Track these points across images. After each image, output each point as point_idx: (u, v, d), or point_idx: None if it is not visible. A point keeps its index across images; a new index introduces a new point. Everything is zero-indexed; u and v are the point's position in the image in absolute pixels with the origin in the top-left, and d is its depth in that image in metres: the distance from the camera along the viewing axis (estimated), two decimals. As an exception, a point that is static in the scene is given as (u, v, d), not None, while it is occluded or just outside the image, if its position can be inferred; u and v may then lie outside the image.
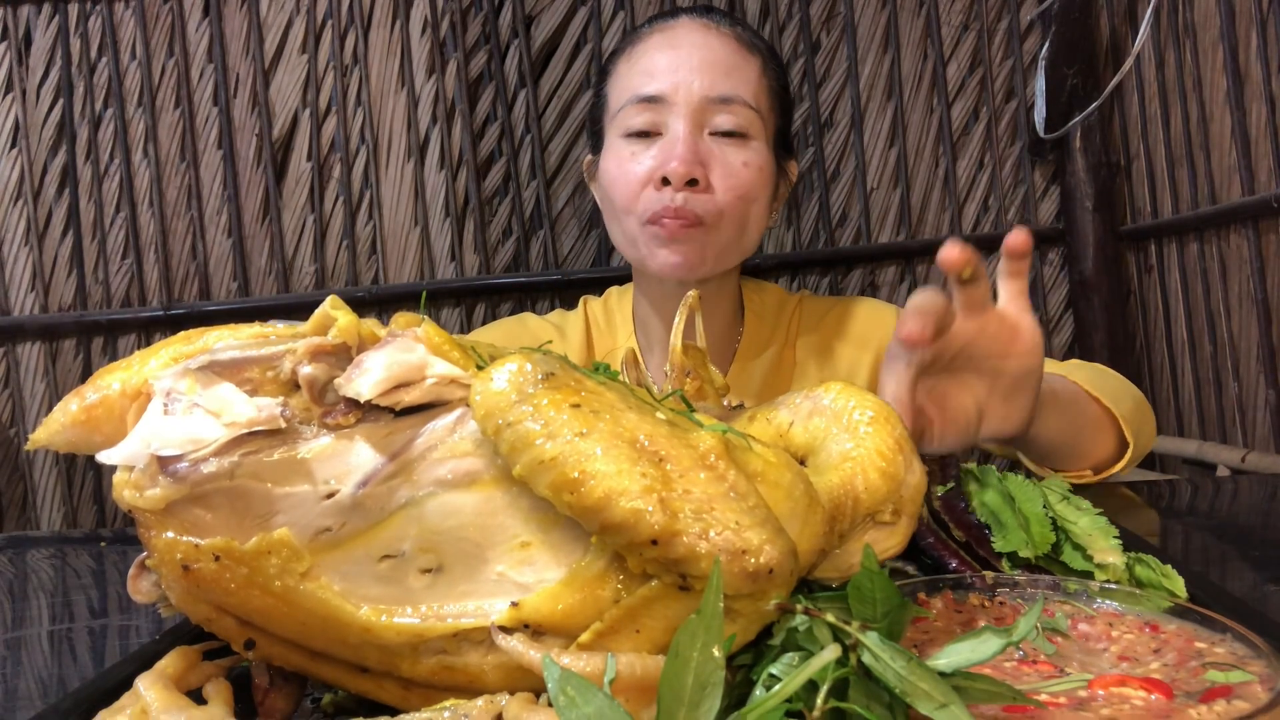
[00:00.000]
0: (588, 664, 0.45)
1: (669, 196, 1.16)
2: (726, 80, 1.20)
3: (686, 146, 1.16)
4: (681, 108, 1.19)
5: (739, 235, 1.22)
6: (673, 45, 1.23)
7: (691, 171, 1.15)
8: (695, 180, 1.16)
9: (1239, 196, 1.76)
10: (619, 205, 1.23)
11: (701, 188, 1.17)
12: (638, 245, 1.22)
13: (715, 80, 1.20)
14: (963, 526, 0.71)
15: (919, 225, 2.12)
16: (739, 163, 1.19)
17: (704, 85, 1.19)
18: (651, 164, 1.19)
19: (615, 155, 1.23)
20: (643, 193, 1.19)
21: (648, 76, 1.22)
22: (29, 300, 2.06)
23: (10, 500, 2.09)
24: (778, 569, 0.46)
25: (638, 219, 1.20)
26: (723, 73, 1.21)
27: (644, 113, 1.20)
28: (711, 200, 1.18)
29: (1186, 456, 1.89)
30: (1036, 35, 2.11)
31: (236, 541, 0.49)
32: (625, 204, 1.21)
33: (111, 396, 0.54)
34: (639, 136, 1.21)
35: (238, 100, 2.07)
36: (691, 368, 0.73)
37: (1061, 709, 0.44)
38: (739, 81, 1.21)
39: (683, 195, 1.16)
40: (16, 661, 0.75)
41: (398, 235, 2.09)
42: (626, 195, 1.20)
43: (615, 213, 1.25)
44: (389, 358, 0.51)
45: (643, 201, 1.19)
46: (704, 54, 1.21)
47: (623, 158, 1.22)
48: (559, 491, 0.47)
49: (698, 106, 1.19)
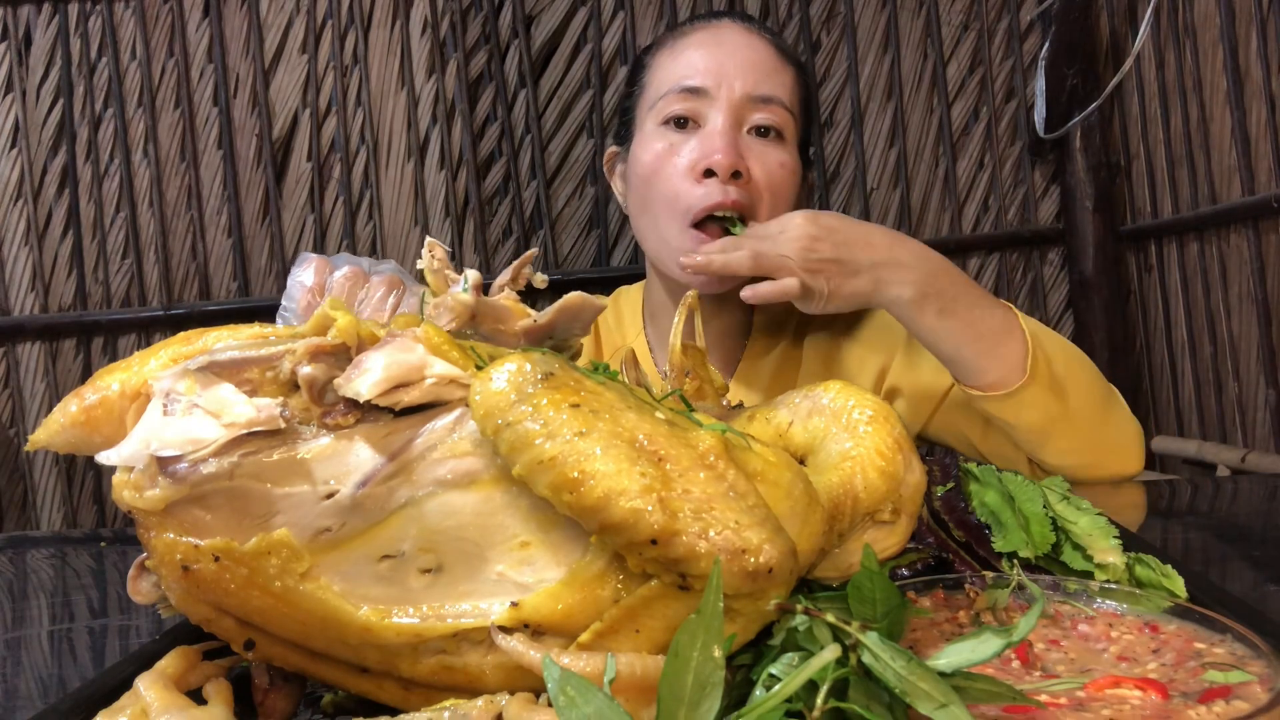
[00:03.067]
0: (587, 664, 0.45)
1: (718, 190, 1.15)
2: (768, 81, 1.21)
3: (729, 139, 1.16)
4: (723, 103, 1.19)
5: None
6: (717, 43, 1.24)
7: (736, 164, 1.15)
8: (739, 173, 1.16)
9: (1239, 196, 1.76)
10: (654, 198, 1.21)
11: (744, 181, 1.17)
12: (670, 246, 1.20)
13: (758, 80, 1.20)
14: (963, 526, 0.71)
15: (919, 225, 2.12)
16: (775, 162, 1.20)
17: (746, 84, 1.20)
18: (693, 156, 1.18)
19: (650, 144, 1.22)
20: (684, 185, 1.18)
21: (691, 69, 1.22)
22: (29, 300, 2.06)
23: (10, 500, 2.09)
24: (777, 568, 0.46)
25: (681, 217, 1.18)
26: (765, 74, 1.21)
27: (685, 101, 1.20)
28: (753, 196, 1.18)
29: (1186, 456, 1.89)
30: (1036, 35, 2.11)
31: (236, 542, 0.49)
32: (668, 196, 1.19)
33: (111, 397, 0.54)
34: (677, 126, 1.21)
35: (238, 100, 2.07)
36: (691, 367, 0.73)
37: (1062, 709, 0.44)
38: (779, 84, 1.22)
39: (733, 188, 1.15)
40: (16, 661, 0.75)
41: (398, 235, 2.09)
42: (667, 189, 1.19)
43: (646, 206, 1.23)
44: (388, 358, 0.51)
45: (687, 197, 1.17)
46: (747, 54, 1.22)
47: (659, 149, 1.20)
48: (558, 491, 0.47)
49: (739, 102, 1.19)
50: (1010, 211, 2.13)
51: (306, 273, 0.84)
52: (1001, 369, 1.07)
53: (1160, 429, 2.06)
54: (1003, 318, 1.09)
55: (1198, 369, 1.93)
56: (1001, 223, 2.12)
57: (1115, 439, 1.12)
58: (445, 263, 0.63)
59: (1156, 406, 2.07)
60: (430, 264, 0.63)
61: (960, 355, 1.09)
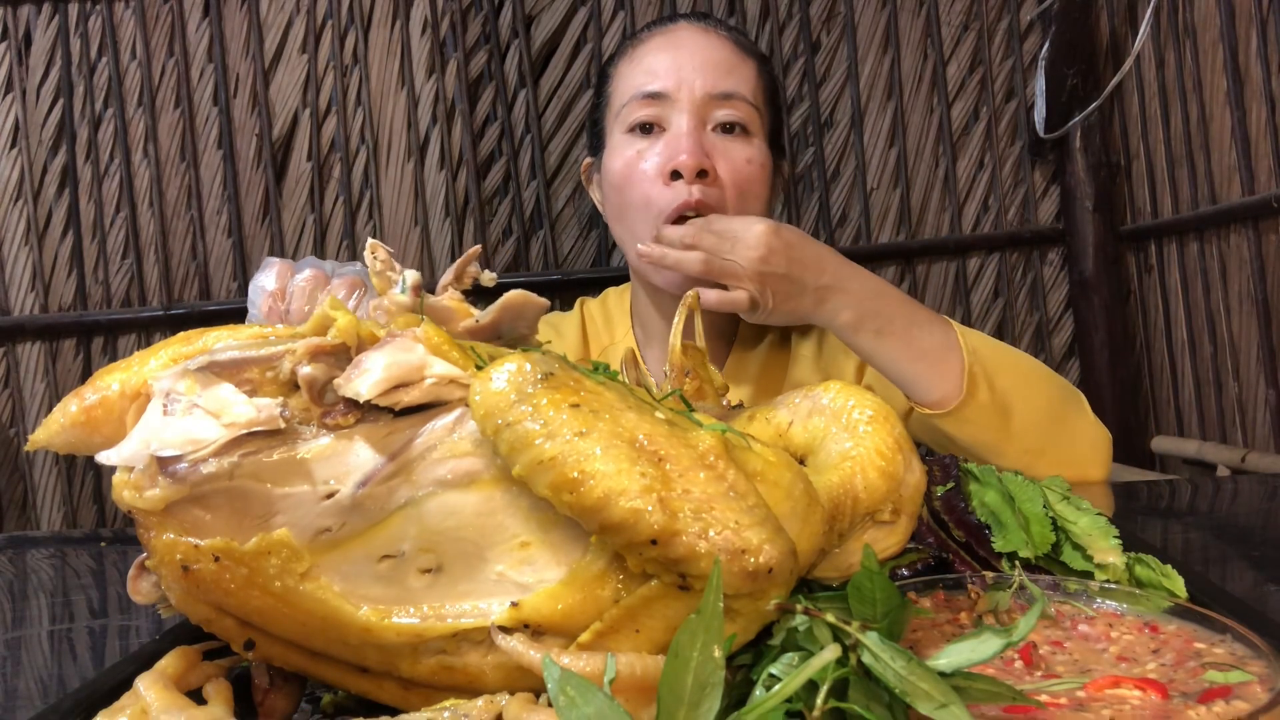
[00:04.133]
0: (587, 664, 0.45)
1: (684, 191, 1.17)
2: (728, 78, 1.22)
3: (693, 140, 1.18)
4: (685, 104, 1.20)
5: None
6: (674, 46, 1.25)
7: (701, 163, 1.16)
8: (705, 172, 1.17)
9: (1239, 196, 1.76)
10: (627, 204, 1.22)
11: (711, 180, 1.18)
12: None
13: (717, 78, 1.21)
14: (963, 526, 0.71)
15: (919, 225, 2.12)
16: (742, 158, 1.21)
17: (706, 82, 1.21)
18: (659, 160, 1.19)
19: (620, 152, 1.23)
20: (654, 189, 1.19)
21: (650, 75, 1.23)
22: (29, 300, 2.06)
23: (10, 500, 2.09)
24: (777, 568, 0.46)
25: (654, 221, 1.19)
26: (724, 71, 1.22)
27: (647, 108, 1.22)
28: (720, 194, 1.19)
29: (1186, 456, 1.89)
30: (1036, 35, 2.11)
31: (236, 542, 0.49)
32: (639, 202, 1.20)
33: (111, 397, 0.54)
34: (642, 131, 1.22)
35: (238, 100, 2.07)
36: (691, 367, 0.73)
37: (1062, 709, 0.44)
38: (739, 79, 1.23)
39: (697, 188, 1.16)
40: (16, 661, 0.75)
41: (398, 235, 2.09)
42: (638, 195, 1.20)
43: (621, 214, 1.25)
44: (388, 358, 0.51)
45: (657, 201, 1.19)
46: (705, 54, 1.23)
47: (628, 156, 1.22)
48: (558, 491, 0.47)
49: (700, 102, 1.20)
50: (1010, 211, 2.13)
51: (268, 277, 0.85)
52: (945, 386, 1.08)
53: (1160, 429, 2.06)
54: (942, 335, 1.09)
55: (1198, 369, 1.93)
56: (1001, 223, 2.12)
57: (1073, 449, 1.12)
58: (389, 264, 0.62)
59: (1156, 406, 2.07)
60: (374, 265, 0.62)
61: (902, 374, 1.10)
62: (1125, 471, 1.81)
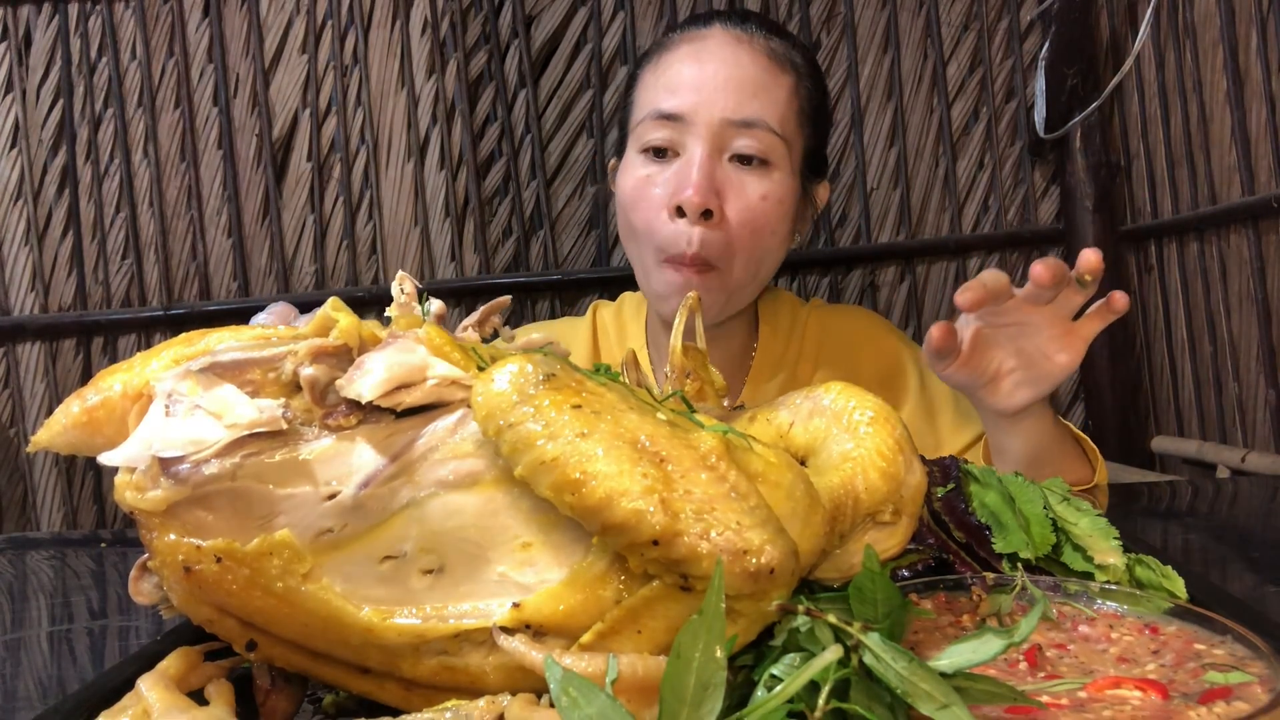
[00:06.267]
0: (589, 664, 0.45)
1: (684, 233, 1.12)
2: (752, 102, 1.15)
3: (702, 174, 1.12)
4: (701, 129, 1.14)
5: (753, 273, 1.19)
6: (699, 59, 1.17)
7: (706, 202, 1.11)
8: (709, 213, 1.12)
9: (1239, 196, 1.76)
10: (633, 227, 1.20)
11: (716, 220, 1.13)
12: (650, 280, 1.20)
13: (740, 102, 1.14)
14: (963, 527, 0.71)
15: (919, 225, 2.12)
16: (756, 195, 1.15)
17: (727, 107, 1.14)
18: (667, 190, 1.15)
19: (632, 173, 1.20)
20: (657, 220, 1.16)
21: (669, 92, 1.17)
22: (29, 300, 2.06)
23: (10, 501, 2.09)
24: (779, 569, 0.46)
25: (655, 251, 1.17)
26: (749, 94, 1.15)
27: (662, 129, 1.16)
28: (725, 237, 1.14)
29: (1186, 457, 1.89)
30: (1036, 35, 2.11)
31: (238, 543, 0.50)
32: (642, 230, 1.18)
33: (113, 398, 0.54)
34: (655, 155, 1.18)
35: (238, 100, 2.07)
36: (692, 369, 0.73)
37: (1063, 710, 0.44)
38: (765, 104, 1.16)
39: (698, 232, 1.12)
40: (16, 663, 0.75)
41: (398, 235, 2.09)
42: (641, 221, 1.18)
43: (630, 233, 1.22)
44: (390, 359, 0.51)
45: (659, 234, 1.15)
46: (731, 71, 1.16)
47: (639, 179, 1.18)
48: (560, 492, 0.47)
49: (718, 129, 1.14)
50: (1010, 211, 2.13)
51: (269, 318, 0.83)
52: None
53: (1160, 429, 2.06)
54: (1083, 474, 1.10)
55: (1198, 369, 1.93)
56: (1001, 223, 2.12)
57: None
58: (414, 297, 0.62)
59: (1156, 406, 2.07)
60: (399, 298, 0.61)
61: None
62: (1125, 472, 1.81)
